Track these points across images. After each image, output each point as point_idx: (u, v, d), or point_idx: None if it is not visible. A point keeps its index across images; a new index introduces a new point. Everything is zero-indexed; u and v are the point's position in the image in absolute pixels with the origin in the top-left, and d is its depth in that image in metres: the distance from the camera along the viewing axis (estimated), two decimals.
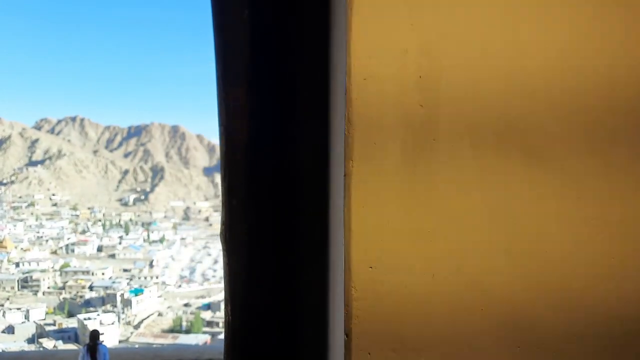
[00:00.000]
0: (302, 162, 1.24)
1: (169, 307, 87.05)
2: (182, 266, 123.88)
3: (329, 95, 1.23)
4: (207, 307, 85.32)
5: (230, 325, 1.29)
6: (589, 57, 0.98)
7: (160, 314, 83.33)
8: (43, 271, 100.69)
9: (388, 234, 1.00)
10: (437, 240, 1.00)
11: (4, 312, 79.82)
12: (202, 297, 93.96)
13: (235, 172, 1.26)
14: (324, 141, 1.23)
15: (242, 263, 1.26)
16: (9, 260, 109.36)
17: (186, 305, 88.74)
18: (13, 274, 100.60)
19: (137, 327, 76.77)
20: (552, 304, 1.00)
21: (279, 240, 1.23)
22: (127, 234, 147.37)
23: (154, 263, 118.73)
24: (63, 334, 70.90)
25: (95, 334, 6.00)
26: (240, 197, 1.25)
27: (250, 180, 1.25)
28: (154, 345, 60.15)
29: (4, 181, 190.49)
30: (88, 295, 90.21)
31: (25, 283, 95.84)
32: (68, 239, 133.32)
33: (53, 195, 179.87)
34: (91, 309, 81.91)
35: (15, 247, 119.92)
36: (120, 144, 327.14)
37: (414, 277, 1.00)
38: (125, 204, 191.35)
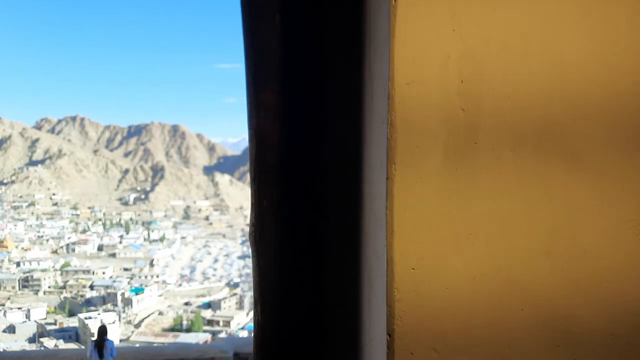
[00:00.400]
0: (332, 164, 1.25)
1: (169, 306, 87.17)
2: (182, 265, 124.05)
3: (361, 98, 1.24)
4: (208, 305, 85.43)
5: (260, 324, 1.31)
6: (629, 61, 0.99)
7: (160, 313, 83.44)
8: (44, 270, 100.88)
9: (430, 236, 1.02)
10: (478, 242, 1.02)
11: (5, 312, 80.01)
12: (203, 295, 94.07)
13: (266, 174, 1.28)
14: (354, 143, 1.25)
15: (272, 263, 1.28)
16: (9, 260, 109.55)
17: (187, 304, 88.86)
18: (14, 273, 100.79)
19: (137, 326, 76.88)
20: (591, 304, 1.01)
21: (309, 240, 1.25)
22: (127, 233, 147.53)
23: (154, 262, 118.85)
24: (64, 333, 71.07)
25: (102, 330, 6.13)
26: (271, 198, 1.27)
27: (281, 181, 1.26)
28: (155, 344, 60.34)
29: (5, 181, 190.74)
30: (89, 294, 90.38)
31: (26, 282, 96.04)
32: (69, 238, 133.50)
33: (53, 194, 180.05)
34: (92, 308, 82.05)
35: (16, 247, 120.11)
36: (120, 144, 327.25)
37: (455, 279, 1.02)
38: (126, 203, 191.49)
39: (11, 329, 72.40)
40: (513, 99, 1.01)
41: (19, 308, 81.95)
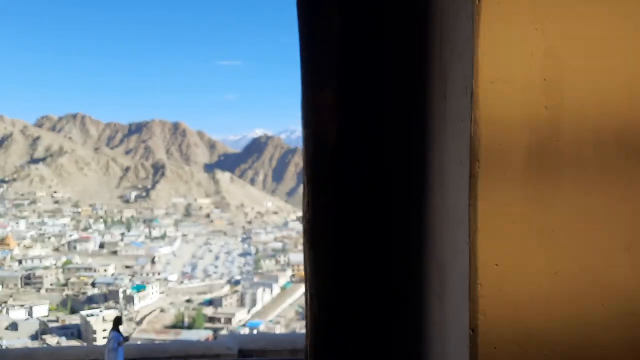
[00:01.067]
0: (391, 161, 1.26)
1: (171, 303, 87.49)
2: (183, 262, 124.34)
3: (428, 96, 1.24)
4: (209, 303, 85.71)
5: (316, 320, 1.30)
6: None
7: (162, 310, 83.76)
8: (46, 268, 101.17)
9: (513, 233, 1.02)
10: (560, 238, 1.02)
11: (7, 309, 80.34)
12: (204, 293, 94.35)
13: (323, 172, 1.29)
14: (417, 140, 1.25)
15: (329, 260, 1.28)
16: (11, 258, 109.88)
17: (188, 301, 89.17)
18: (16, 271, 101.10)
19: (139, 323, 77.19)
20: None
21: (367, 237, 1.26)
22: (128, 231, 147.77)
23: (155, 259, 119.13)
24: (66, 331, 71.40)
25: (116, 320, 6.42)
26: (328, 195, 1.28)
27: (338, 179, 1.27)
28: (156, 341, 60.59)
29: (6, 179, 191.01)
30: (90, 291, 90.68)
31: (28, 280, 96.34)
32: (70, 236, 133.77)
33: (55, 192, 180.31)
34: (94, 305, 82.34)
35: (18, 245, 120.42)
36: (121, 141, 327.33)
37: (537, 275, 1.02)
38: (127, 201, 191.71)
39: (14, 327, 72.72)
40: (595, 96, 1.01)
41: (22, 305, 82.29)
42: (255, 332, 65.83)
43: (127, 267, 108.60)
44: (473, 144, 1.02)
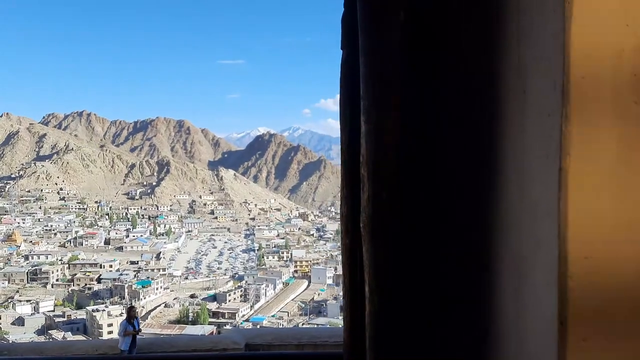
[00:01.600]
0: (456, 157, 1.27)
1: (175, 299, 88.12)
2: (188, 258, 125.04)
3: (500, 91, 1.24)
4: (213, 298, 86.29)
5: (376, 313, 1.31)
6: None
7: (167, 305, 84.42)
8: (52, 264, 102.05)
9: (603, 226, 1.02)
10: None
11: (14, 304, 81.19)
12: (208, 288, 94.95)
13: (385, 167, 1.30)
14: (487, 134, 1.25)
15: (389, 255, 1.29)
16: (18, 253, 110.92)
17: (192, 296, 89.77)
18: (22, 266, 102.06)
19: (144, 318, 77.77)
20: None
21: (429, 232, 1.26)
22: (134, 227, 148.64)
23: (160, 255, 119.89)
24: (72, 326, 72.11)
25: (127, 310, 6.81)
26: (390, 191, 1.29)
27: (401, 174, 1.28)
28: (162, 336, 61.05)
29: (13, 175, 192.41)
30: (96, 287, 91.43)
31: (35, 275, 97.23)
32: (76, 232, 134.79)
33: (61, 189, 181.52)
34: (99, 300, 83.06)
35: (25, 241, 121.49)
36: (126, 139, 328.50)
37: (626, 267, 1.02)
38: (132, 198, 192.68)
39: (20, 322, 73.54)
40: None
41: (28, 301, 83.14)
42: (258, 327, 66.22)
43: (132, 262, 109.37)
44: (564, 138, 1.02)
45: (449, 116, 1.27)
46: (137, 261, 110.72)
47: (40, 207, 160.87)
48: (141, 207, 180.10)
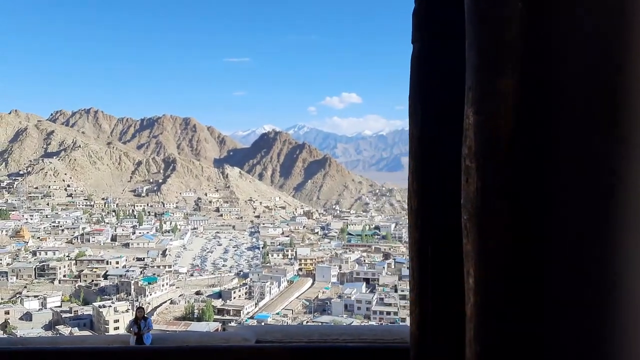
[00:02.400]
0: (571, 150, 1.23)
1: (181, 295, 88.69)
2: (193, 255, 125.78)
3: (627, 80, 1.20)
4: (218, 295, 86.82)
5: (482, 308, 1.30)
6: None
7: (172, 302, 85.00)
8: (59, 260, 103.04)
9: None
10: None
11: (22, 300, 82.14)
12: (213, 285, 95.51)
13: (496, 158, 1.29)
14: (603, 126, 1.21)
15: (499, 246, 1.28)
16: (26, 249, 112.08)
17: (198, 293, 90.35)
18: (30, 262, 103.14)
19: (150, 314, 78.47)
20: None
21: (537, 225, 1.25)
22: (140, 224, 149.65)
23: (166, 252, 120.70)
24: (79, 321, 72.83)
25: (135, 312, 7.08)
26: (501, 182, 1.28)
27: (512, 165, 1.27)
28: (167, 332, 61.53)
29: (21, 172, 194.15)
30: (103, 283, 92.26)
31: (42, 271, 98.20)
32: (83, 228, 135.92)
33: (68, 186, 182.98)
34: (106, 296, 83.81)
35: (32, 237, 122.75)
36: (133, 136, 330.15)
37: None
38: (139, 195, 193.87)
39: (28, 317, 74.40)
40: None
41: (36, 296, 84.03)
42: (263, 324, 66.61)
43: (138, 259, 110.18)
44: None
45: (565, 110, 1.22)
46: (143, 258, 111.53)
47: (47, 204, 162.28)
48: (147, 204, 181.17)
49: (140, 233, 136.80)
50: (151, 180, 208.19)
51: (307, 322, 72.60)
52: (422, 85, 2.33)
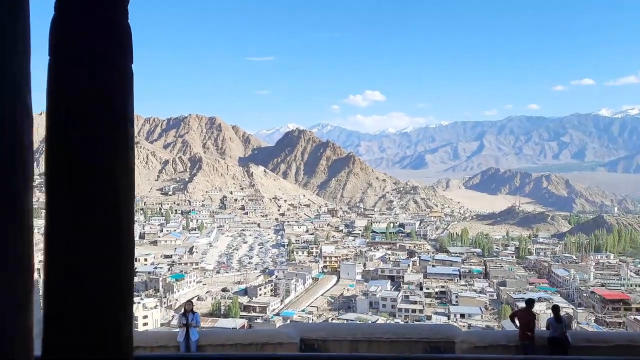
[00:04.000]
0: None
1: (207, 292, 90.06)
2: (219, 253, 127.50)
3: None
4: (244, 292, 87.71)
5: None
6: None
7: (199, 298, 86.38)
8: None
9: None
10: None
11: None
12: (239, 282, 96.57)
13: None
14: None
15: None
16: None
17: (224, 290, 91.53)
18: None
19: (177, 310, 79.96)
20: None
21: None
22: (167, 222, 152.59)
23: (193, 250, 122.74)
24: None
25: (188, 304, 7.19)
26: None
27: None
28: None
29: None
30: None
31: None
32: None
33: None
34: (135, 293, 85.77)
35: None
36: (160, 135, 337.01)
37: None
38: (166, 193, 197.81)
39: None
40: None
41: None
42: (287, 321, 66.90)
43: (166, 256, 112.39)
44: None
45: None
46: (171, 255, 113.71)
47: None
48: (174, 203, 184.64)
49: (167, 231, 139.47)
50: (178, 179, 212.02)
51: (332, 319, 72.55)
52: None
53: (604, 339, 6.11)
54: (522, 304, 8.60)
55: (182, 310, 6.76)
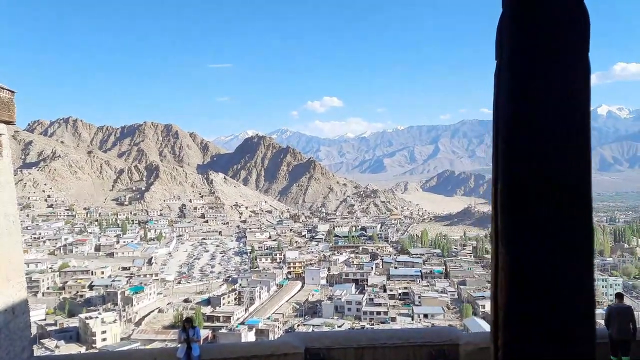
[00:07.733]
0: None
1: (169, 304, 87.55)
2: (180, 263, 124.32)
3: None
4: (207, 302, 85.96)
5: None
6: None
7: (160, 311, 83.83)
8: (42, 272, 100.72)
9: None
10: None
11: None
12: (202, 292, 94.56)
13: None
14: None
15: None
16: None
17: (186, 300, 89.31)
18: None
19: (138, 324, 77.34)
20: None
21: None
22: (124, 233, 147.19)
23: (152, 260, 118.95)
24: (65, 334, 71.23)
25: (188, 319, 7.16)
26: None
27: None
28: (157, 341, 60.41)
29: None
30: (88, 294, 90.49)
31: None
32: (65, 239, 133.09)
33: (48, 196, 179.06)
34: (92, 307, 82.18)
35: None
36: (114, 144, 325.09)
37: None
38: (121, 203, 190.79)
39: None
40: None
41: None
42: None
43: (124, 268, 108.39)
44: None
45: None
46: (129, 267, 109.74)
47: (27, 215, 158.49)
48: (131, 213, 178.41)
49: (124, 242, 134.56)
50: (134, 189, 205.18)
51: (298, 325, 72.40)
52: None
53: None
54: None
55: (181, 327, 6.75)
